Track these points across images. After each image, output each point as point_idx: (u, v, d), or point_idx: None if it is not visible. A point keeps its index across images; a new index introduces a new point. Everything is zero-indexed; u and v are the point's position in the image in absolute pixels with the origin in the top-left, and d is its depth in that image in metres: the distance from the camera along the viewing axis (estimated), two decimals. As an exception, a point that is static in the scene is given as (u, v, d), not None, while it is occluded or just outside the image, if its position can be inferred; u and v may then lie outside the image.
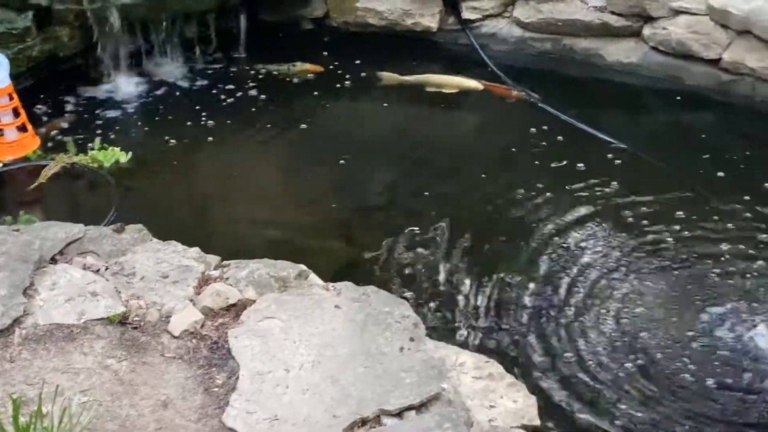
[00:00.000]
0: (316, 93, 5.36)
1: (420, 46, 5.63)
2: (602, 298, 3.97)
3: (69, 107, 5.00)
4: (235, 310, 2.88)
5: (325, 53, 5.52)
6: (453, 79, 5.38)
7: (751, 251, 4.10)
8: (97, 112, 5.01)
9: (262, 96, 5.28)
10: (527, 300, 3.94)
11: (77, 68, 5.12)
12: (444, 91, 5.33)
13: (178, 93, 5.26)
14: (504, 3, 5.55)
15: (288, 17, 5.62)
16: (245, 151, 4.95)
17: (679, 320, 3.76)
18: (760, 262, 4.05)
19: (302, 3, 5.56)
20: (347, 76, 5.44)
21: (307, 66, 5.40)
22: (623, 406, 3.36)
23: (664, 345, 3.72)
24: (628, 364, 3.59)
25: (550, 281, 4.07)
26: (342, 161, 4.75)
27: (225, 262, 3.20)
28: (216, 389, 2.60)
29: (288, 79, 5.44)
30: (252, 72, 5.44)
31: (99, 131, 4.79)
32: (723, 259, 4.03)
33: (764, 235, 4.17)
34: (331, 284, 3.08)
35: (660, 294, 3.95)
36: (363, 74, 5.51)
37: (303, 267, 3.17)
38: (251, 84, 5.34)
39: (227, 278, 3.06)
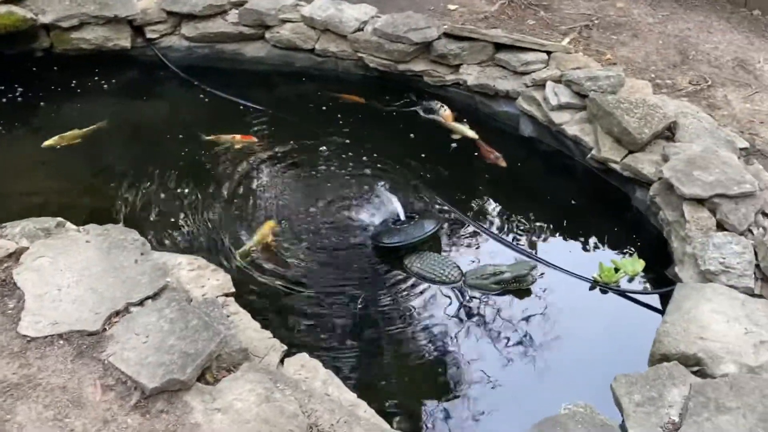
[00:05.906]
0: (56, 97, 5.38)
1: (122, 59, 5.78)
2: (269, 197, 4.42)
3: None
4: (15, 256, 2.96)
5: (55, 68, 5.69)
6: (459, 127, 5.11)
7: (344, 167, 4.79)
8: None
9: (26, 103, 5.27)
10: (220, 213, 4.31)
11: None
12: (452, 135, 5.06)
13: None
14: (173, 25, 5.83)
15: (24, 49, 5.67)
16: (18, 147, 4.89)
17: (317, 201, 4.45)
18: (356, 172, 4.73)
19: (32, 39, 5.63)
20: (73, 82, 5.59)
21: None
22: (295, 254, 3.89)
23: (313, 213, 4.30)
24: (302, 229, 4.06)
25: (239, 201, 4.43)
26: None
27: (2, 225, 3.18)
28: (10, 311, 2.72)
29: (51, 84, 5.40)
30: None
31: None
32: (339, 173, 4.71)
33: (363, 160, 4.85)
34: (82, 227, 3.19)
35: (304, 189, 4.56)
36: (88, 81, 5.60)
37: (60, 219, 3.25)
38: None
39: (6, 235, 3.11)
